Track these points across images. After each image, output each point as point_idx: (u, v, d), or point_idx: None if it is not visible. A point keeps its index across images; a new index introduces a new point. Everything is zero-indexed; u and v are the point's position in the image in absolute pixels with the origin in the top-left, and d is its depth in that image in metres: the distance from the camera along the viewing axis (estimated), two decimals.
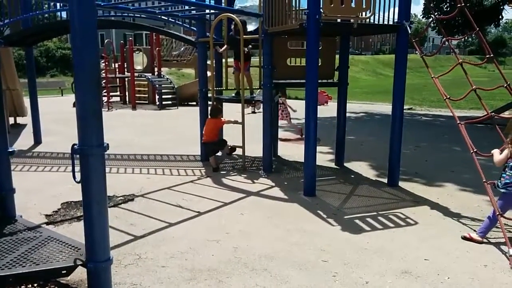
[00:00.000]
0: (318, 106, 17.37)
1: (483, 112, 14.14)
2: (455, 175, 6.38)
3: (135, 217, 4.59)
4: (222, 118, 6.72)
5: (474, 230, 4.16)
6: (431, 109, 17.16)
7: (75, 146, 2.71)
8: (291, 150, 8.12)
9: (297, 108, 9.95)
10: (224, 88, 7.47)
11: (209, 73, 7.47)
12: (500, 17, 14.38)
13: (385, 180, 5.97)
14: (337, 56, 6.81)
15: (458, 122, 4.42)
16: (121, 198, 5.22)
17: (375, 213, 4.72)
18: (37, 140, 8.94)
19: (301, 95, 21.83)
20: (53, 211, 4.77)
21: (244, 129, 6.59)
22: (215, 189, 5.65)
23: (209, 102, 7.06)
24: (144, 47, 19.51)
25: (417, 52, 5.32)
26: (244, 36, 6.41)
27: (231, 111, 8.31)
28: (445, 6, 14.58)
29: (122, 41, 19.43)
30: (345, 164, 6.99)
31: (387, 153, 5.84)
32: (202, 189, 5.63)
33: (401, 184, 5.81)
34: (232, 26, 6.70)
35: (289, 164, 7.12)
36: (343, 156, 7.00)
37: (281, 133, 9.19)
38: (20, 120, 11.71)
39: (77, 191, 5.45)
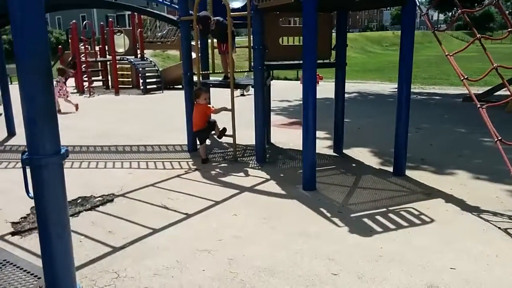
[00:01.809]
0: None
1: (479, 89, 13.55)
2: (464, 160, 5.91)
3: (114, 222, 4.03)
4: (211, 106, 6.11)
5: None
6: (424, 86, 16.73)
7: (24, 155, 2.11)
8: (285, 136, 7.58)
9: (282, 89, 9.39)
10: (211, 72, 6.86)
11: (194, 55, 6.84)
12: None
13: (390, 169, 5.47)
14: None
15: (478, 106, 3.90)
16: (99, 199, 4.65)
17: (384, 209, 4.22)
18: (11, 132, 8.26)
19: (289, 75, 21.27)
20: (21, 218, 4.18)
21: (234, 116, 6.02)
22: (204, 184, 5.10)
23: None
24: (125, 29, 18.58)
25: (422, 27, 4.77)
26: (232, 14, 5.79)
27: (219, 96, 7.73)
28: None
29: (102, 23, 18.49)
30: (344, 151, 6.48)
31: (388, 137, 5.35)
32: (190, 185, 5.07)
33: (408, 173, 5.32)
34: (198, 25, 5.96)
35: (284, 152, 6.59)
36: (342, 142, 6.48)
37: (273, 117, 8.63)
38: None
39: None
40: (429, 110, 10.38)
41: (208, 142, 6.86)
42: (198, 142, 6.21)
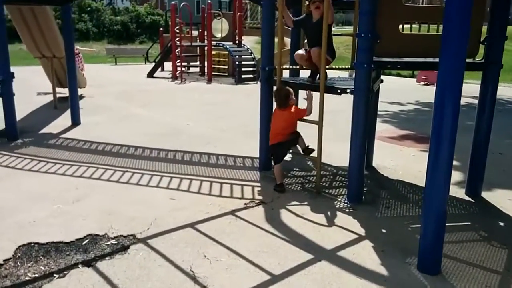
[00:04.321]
0: (428, 87, 13.89)
1: None
2: None
3: None
4: (298, 108, 4.40)
5: None
6: None
7: None
8: (393, 157, 5.65)
9: (393, 88, 7.36)
10: (299, 67, 5.16)
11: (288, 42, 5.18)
12: None
13: None
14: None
15: None
16: (112, 242, 3.27)
17: None
18: (75, 121, 7.43)
19: (403, 71, 18.47)
20: None
21: (321, 131, 4.27)
22: (265, 235, 3.45)
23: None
24: (226, 12, 17.53)
25: None
26: None
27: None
28: None
29: (203, 6, 17.60)
30: (483, 194, 4.39)
31: None
32: (245, 233, 3.47)
33: None
34: None
35: (390, 185, 4.69)
36: (482, 180, 4.39)
37: (378, 126, 6.66)
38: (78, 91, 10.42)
39: (58, 217, 3.63)
40: None
41: (288, 157, 5.23)
42: (272, 161, 4.59)
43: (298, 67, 5.21)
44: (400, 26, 4.13)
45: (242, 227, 3.58)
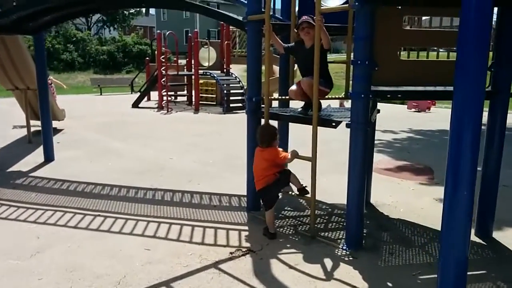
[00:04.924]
0: (419, 114, 13.51)
1: None
2: None
3: None
4: (280, 151, 3.92)
5: None
6: None
7: None
8: (392, 193, 5.22)
9: (385, 115, 7.06)
10: (289, 97, 4.75)
11: (277, 70, 4.80)
12: None
13: None
14: None
15: None
16: None
17: None
18: (48, 157, 6.90)
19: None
20: None
21: (315, 168, 3.83)
22: None
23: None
24: (213, 41, 17.33)
25: None
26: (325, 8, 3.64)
27: (298, 131, 5.57)
28: None
29: (190, 35, 17.38)
30: (495, 235, 3.95)
31: None
32: None
33: None
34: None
35: (391, 226, 4.23)
36: (493, 218, 3.96)
37: (374, 156, 6.24)
38: (56, 124, 9.89)
39: (10, 277, 3.08)
40: None
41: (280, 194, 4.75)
42: (263, 206, 4.09)
43: (288, 97, 4.80)
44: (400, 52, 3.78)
45: (226, 284, 3.07)
